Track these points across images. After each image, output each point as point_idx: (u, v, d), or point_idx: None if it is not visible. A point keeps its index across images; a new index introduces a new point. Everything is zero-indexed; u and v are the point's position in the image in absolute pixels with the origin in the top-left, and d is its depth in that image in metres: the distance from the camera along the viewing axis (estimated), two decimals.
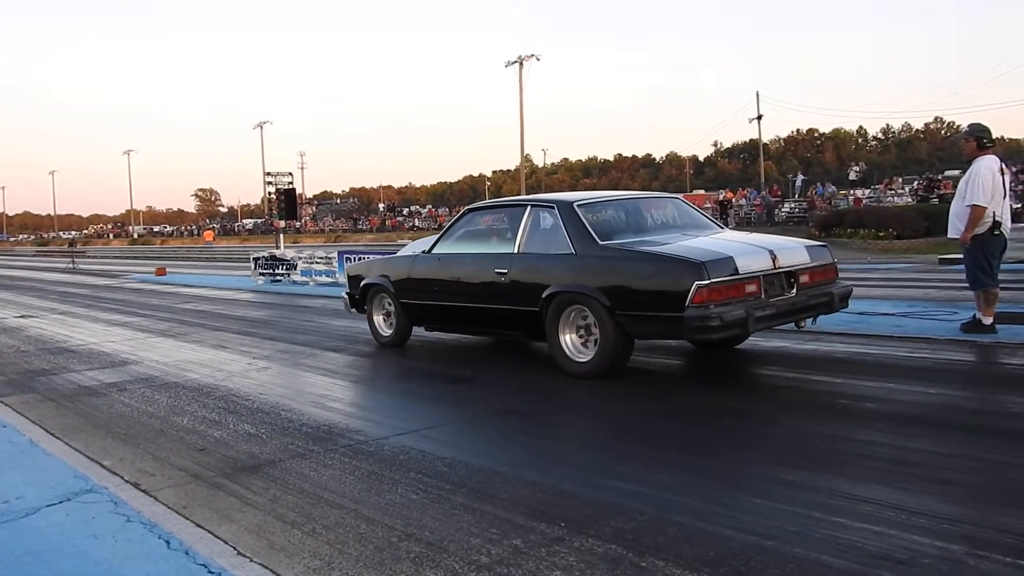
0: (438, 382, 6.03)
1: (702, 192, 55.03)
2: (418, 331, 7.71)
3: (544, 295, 5.81)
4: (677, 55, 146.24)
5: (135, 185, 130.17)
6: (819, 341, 6.63)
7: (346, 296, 8.22)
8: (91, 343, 8.71)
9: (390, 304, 7.57)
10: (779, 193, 38.06)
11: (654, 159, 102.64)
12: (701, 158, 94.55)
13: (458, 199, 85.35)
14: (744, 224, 33.06)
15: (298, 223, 61.44)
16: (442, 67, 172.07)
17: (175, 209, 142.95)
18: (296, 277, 16.83)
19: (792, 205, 34.40)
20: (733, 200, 37.06)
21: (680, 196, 7.32)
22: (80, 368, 7.07)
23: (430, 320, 7.23)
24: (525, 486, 3.53)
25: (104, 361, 7.44)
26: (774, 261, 5.38)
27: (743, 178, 71.14)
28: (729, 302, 5.05)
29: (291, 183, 19.70)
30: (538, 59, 45.51)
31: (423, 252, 7.23)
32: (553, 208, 6.12)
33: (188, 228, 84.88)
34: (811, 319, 5.72)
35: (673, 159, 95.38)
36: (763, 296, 5.24)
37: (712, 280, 5.00)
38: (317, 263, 16.39)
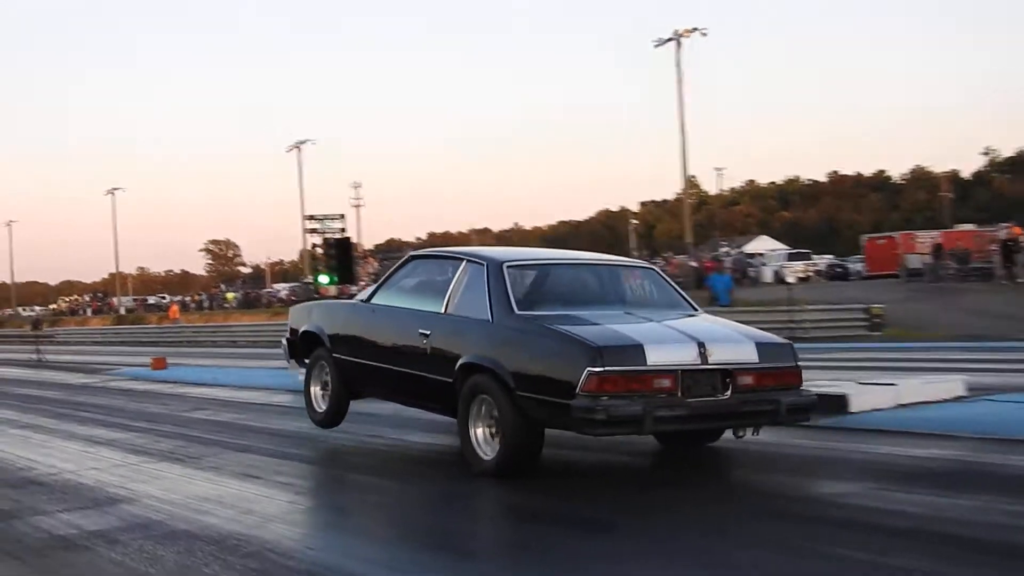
0: (559, 527, 5.98)
1: (972, 227, 53.31)
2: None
3: (457, 366, 7.16)
4: (915, 13, 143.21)
5: (123, 239, 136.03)
6: None
7: (285, 343, 9.64)
8: (66, 471, 9.02)
9: (325, 364, 8.87)
10: None
11: (889, 178, 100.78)
12: (966, 174, 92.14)
13: (588, 245, 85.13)
14: None
15: (355, 287, 62.51)
16: (559, 55, 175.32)
17: (178, 271, 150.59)
18: None
19: None
20: (1021, 238, 35.69)
21: (656, 268, 8.90)
22: (51, 508, 7.30)
23: (361, 384, 8.66)
24: None
25: (85, 498, 7.66)
26: (703, 356, 6.56)
27: None
28: (628, 395, 6.36)
29: (343, 229, 20.32)
30: (703, 34, 45.94)
31: (362, 300, 8.75)
32: (483, 265, 7.51)
33: (196, 297, 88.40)
34: (752, 430, 7.04)
35: (921, 177, 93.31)
36: (680, 394, 6.47)
37: (607, 368, 6.32)
38: None
